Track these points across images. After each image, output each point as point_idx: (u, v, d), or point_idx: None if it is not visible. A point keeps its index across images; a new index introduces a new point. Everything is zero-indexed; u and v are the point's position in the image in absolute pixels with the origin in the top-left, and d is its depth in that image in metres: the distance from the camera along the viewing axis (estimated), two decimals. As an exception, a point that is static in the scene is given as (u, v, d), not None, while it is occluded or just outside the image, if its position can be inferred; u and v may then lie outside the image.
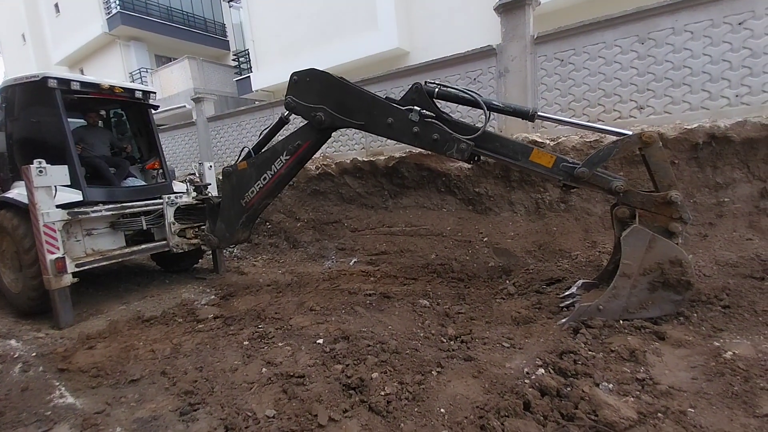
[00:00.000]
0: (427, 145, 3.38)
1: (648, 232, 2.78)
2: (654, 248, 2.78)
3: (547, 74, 5.50)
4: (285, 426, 2.16)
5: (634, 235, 2.82)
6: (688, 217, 2.79)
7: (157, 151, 5.75)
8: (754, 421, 1.95)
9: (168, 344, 3.40)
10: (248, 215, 4.31)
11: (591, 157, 2.99)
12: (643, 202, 2.87)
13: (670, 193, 2.75)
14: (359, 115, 3.63)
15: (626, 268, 2.85)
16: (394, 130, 3.48)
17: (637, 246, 2.80)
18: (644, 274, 2.83)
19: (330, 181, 7.00)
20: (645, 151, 2.83)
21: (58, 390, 2.79)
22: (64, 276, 4.00)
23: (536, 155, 3.16)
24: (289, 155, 3.95)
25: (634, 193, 2.91)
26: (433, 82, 3.42)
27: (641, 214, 2.87)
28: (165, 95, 16.45)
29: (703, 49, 4.47)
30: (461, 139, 3.23)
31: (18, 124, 4.81)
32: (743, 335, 2.72)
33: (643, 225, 2.84)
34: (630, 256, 2.82)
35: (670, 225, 2.80)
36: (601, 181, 2.98)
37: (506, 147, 3.27)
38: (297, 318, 3.75)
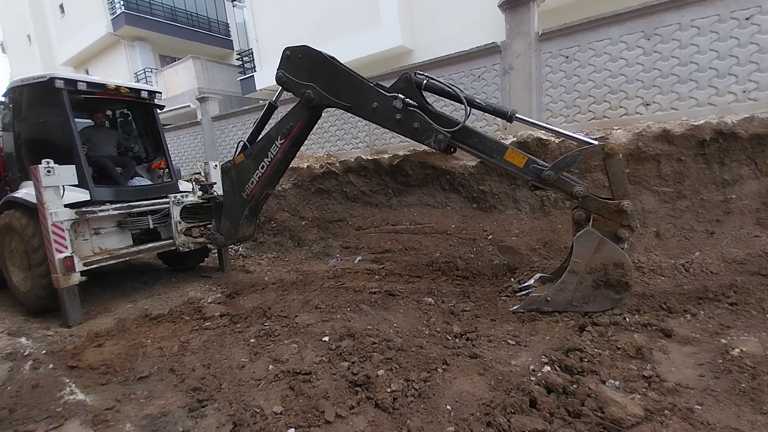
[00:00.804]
0: (408, 132, 3.48)
1: (598, 235, 3.03)
2: (601, 250, 3.03)
3: (552, 71, 5.47)
4: (292, 422, 2.18)
5: (585, 237, 3.07)
6: (636, 226, 3.04)
7: (163, 150, 5.79)
8: (762, 418, 1.94)
9: (176, 342, 3.44)
10: (251, 207, 4.34)
11: (558, 161, 3.17)
12: (598, 208, 3.09)
13: (623, 203, 2.97)
14: (346, 97, 3.69)
15: (575, 265, 3.12)
16: (378, 115, 3.57)
17: (586, 247, 3.06)
18: (590, 272, 3.10)
19: (334, 179, 7.02)
20: (606, 162, 3.04)
21: (68, 387, 2.82)
22: (72, 275, 4.04)
23: (510, 155, 3.30)
24: (284, 138, 4.00)
25: (591, 199, 3.11)
26: (422, 74, 3.51)
27: (595, 218, 3.09)
28: (169, 95, 16.52)
29: (709, 44, 4.43)
30: (440, 130, 3.34)
31: (25, 124, 4.86)
32: (751, 332, 2.71)
33: (595, 228, 3.07)
34: (580, 255, 3.09)
35: (619, 231, 3.03)
36: (564, 185, 3.17)
37: (483, 144, 3.40)
38: (303, 316, 3.77)
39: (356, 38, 11.46)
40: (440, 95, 3.54)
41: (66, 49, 21.50)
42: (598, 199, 3.10)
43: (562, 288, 3.20)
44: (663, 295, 3.39)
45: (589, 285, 3.12)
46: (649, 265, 4.06)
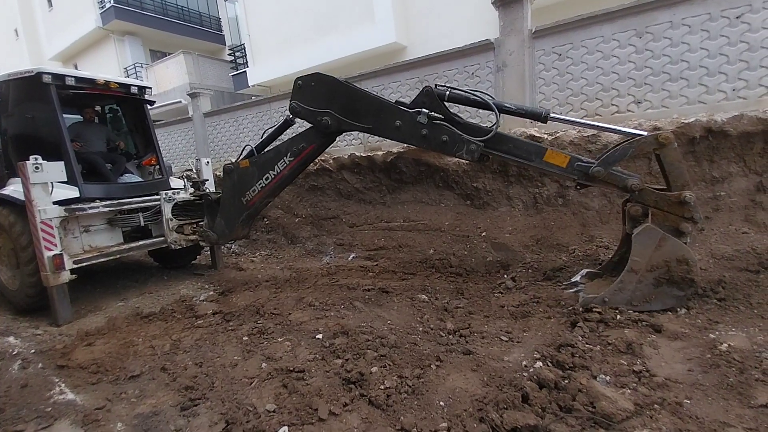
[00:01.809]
0: (437, 146, 3.43)
1: (659, 231, 2.88)
2: (663, 247, 2.89)
3: (545, 68, 5.49)
4: (286, 420, 2.17)
5: (645, 233, 2.92)
6: (699, 218, 2.89)
7: (154, 147, 5.72)
8: (749, 412, 1.98)
9: (167, 340, 3.41)
10: (249, 213, 4.30)
11: (606, 156, 3.06)
12: (657, 201, 2.96)
13: (684, 194, 2.85)
14: (367, 119, 3.65)
15: (635, 264, 2.96)
16: (403, 133, 3.52)
17: (647, 244, 2.91)
18: (651, 270, 2.95)
19: (328, 176, 6.99)
20: (660, 152, 2.91)
21: (57, 386, 2.79)
22: (62, 273, 3.99)
23: (550, 156, 3.23)
24: (293, 157, 3.95)
25: (648, 192, 2.99)
26: (444, 85, 3.48)
27: (654, 212, 2.97)
28: (160, 90, 16.31)
29: (700, 43, 4.47)
30: (471, 140, 3.30)
31: (12, 120, 4.77)
32: (738, 327, 2.76)
33: (654, 224, 2.93)
34: (640, 253, 2.93)
35: (681, 225, 2.91)
36: (616, 179, 3.06)
37: (519, 148, 3.34)
38: (296, 313, 3.76)
39: (350, 34, 11.40)
40: (465, 104, 3.52)
41: (54, 44, 21.12)
42: (655, 191, 2.98)
43: (620, 288, 3.03)
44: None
45: (650, 283, 2.97)
46: (640, 261, 4.11)
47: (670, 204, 2.94)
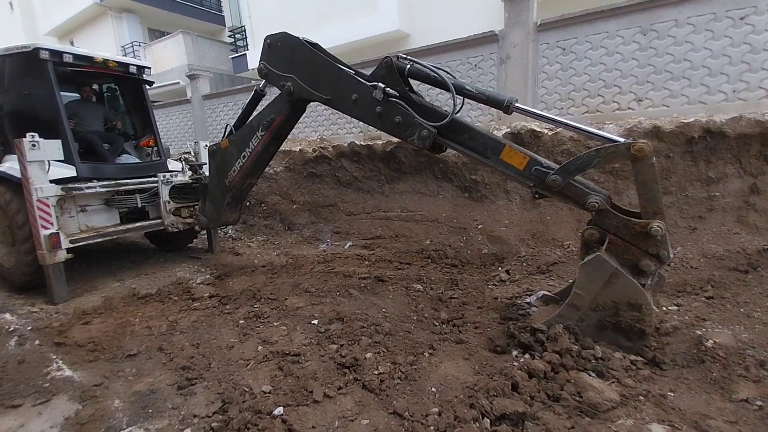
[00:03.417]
0: (390, 128, 3.02)
1: (610, 264, 2.35)
2: (614, 284, 2.37)
3: (549, 63, 5.47)
4: (281, 401, 2.22)
5: (594, 265, 2.40)
6: (667, 257, 2.31)
7: (152, 128, 5.67)
8: (730, 406, 2.05)
9: (164, 321, 3.44)
10: (233, 195, 4.24)
11: (567, 163, 2.51)
12: (618, 227, 2.41)
13: (652, 224, 2.27)
14: (326, 89, 3.30)
15: (577, 298, 2.49)
16: (359, 108, 3.14)
17: (594, 278, 2.40)
18: (595, 309, 2.47)
19: (327, 164, 6.97)
20: (633, 167, 2.33)
21: (55, 363, 2.82)
22: (58, 252, 3.99)
23: (508, 154, 2.70)
24: (264, 131, 3.77)
25: (609, 215, 2.43)
26: (407, 58, 2.99)
27: (612, 240, 2.43)
28: (158, 71, 16.06)
29: (704, 42, 4.47)
30: (424, 125, 2.85)
31: (8, 96, 4.70)
32: (725, 325, 2.83)
33: (609, 254, 2.40)
34: (584, 287, 2.45)
35: (642, 261, 2.35)
36: (576, 193, 2.53)
37: (476, 140, 2.82)
38: (292, 299, 3.80)
39: (353, 21, 11.24)
40: (426, 82, 3.02)
41: (50, 19, 20.61)
42: (617, 215, 2.42)
43: (559, 321, 2.59)
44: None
45: (593, 324, 2.50)
46: (633, 258, 4.17)
47: (634, 234, 2.37)
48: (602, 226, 2.47)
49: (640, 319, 2.37)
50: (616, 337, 2.48)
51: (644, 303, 2.33)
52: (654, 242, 2.31)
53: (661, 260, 2.33)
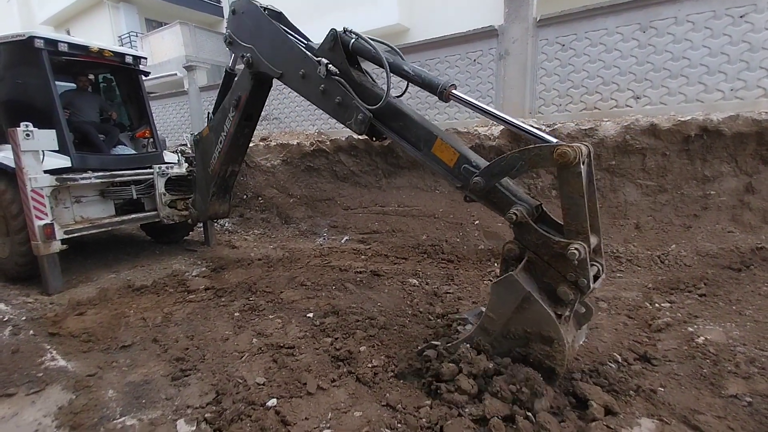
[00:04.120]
0: (332, 109, 2.78)
1: (522, 287, 2.02)
2: (526, 310, 2.04)
3: (548, 59, 5.46)
4: (275, 392, 2.23)
5: (505, 285, 2.09)
6: (586, 285, 1.92)
7: (148, 119, 5.63)
8: (720, 401, 2.07)
9: (159, 313, 3.44)
10: (217, 185, 4.21)
11: (491, 164, 2.18)
12: (538, 245, 2.05)
13: (570, 246, 1.89)
14: (280, 63, 3.12)
15: (488, 322, 2.18)
16: (305, 86, 2.92)
17: (505, 300, 2.09)
18: (506, 337, 2.15)
19: (324, 158, 6.95)
20: (557, 175, 1.99)
21: (49, 353, 2.81)
22: (52, 242, 3.96)
23: (440, 147, 2.37)
24: (234, 110, 3.70)
25: (529, 229, 2.06)
26: (352, 32, 2.69)
27: (531, 259, 2.08)
28: (155, 62, 15.90)
29: (703, 40, 4.47)
30: (361, 108, 2.58)
31: (3, 85, 4.65)
32: (716, 322, 2.86)
33: (525, 275, 2.07)
34: (495, 309, 2.15)
35: (560, 288, 1.98)
36: (499, 199, 2.21)
37: (410, 129, 2.51)
38: (288, 292, 3.80)
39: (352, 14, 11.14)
40: (368, 59, 2.65)
41: (46, 8, 20.33)
42: (538, 231, 2.04)
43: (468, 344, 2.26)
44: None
45: (505, 352, 2.17)
46: (627, 255, 4.20)
47: (553, 254, 1.99)
48: (522, 242, 2.12)
49: (549, 355, 2.01)
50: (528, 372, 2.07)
51: (556, 337, 1.97)
52: (572, 266, 1.93)
53: (580, 289, 1.94)
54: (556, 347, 1.99)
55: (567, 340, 1.98)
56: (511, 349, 2.15)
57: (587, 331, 2.34)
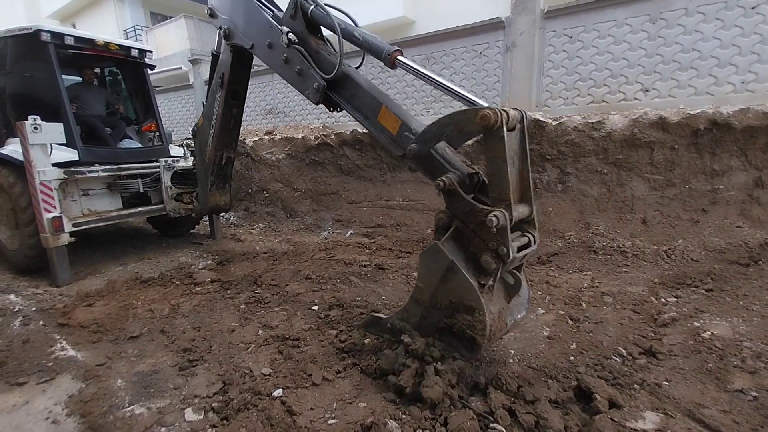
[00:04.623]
0: (293, 79, 2.78)
1: (446, 256, 1.99)
2: (450, 281, 2.02)
3: (555, 51, 5.39)
4: (281, 383, 2.26)
5: (430, 255, 2.07)
6: (506, 254, 1.85)
7: (154, 112, 5.65)
8: (725, 395, 2.07)
9: (166, 305, 3.48)
10: (215, 173, 4.26)
11: (424, 130, 2.16)
12: (465, 213, 1.99)
13: (491, 214, 1.83)
14: (251, 34, 3.11)
15: (418, 293, 2.18)
16: (271, 56, 2.90)
17: (431, 269, 2.08)
18: (435, 307, 2.14)
19: (329, 151, 6.94)
20: (483, 140, 1.94)
21: (59, 343, 2.86)
22: (61, 235, 4.01)
23: (384, 115, 2.35)
24: (220, 90, 3.73)
25: (457, 197, 2.01)
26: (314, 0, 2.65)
27: (459, 228, 2.04)
28: (160, 55, 15.91)
29: (714, 32, 4.39)
30: (317, 77, 2.58)
31: (10, 78, 4.68)
32: (723, 317, 2.84)
33: (452, 244, 2.03)
34: (423, 279, 2.14)
35: (483, 257, 1.93)
36: (433, 166, 2.18)
37: (360, 98, 2.49)
38: (293, 285, 3.83)
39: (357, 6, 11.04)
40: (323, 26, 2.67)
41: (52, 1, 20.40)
42: (465, 199, 1.99)
43: (404, 317, 2.29)
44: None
45: (434, 324, 2.17)
46: (633, 250, 4.17)
47: (477, 222, 1.92)
48: (452, 211, 2.07)
49: (471, 325, 1.98)
50: (456, 343, 2.11)
51: (477, 306, 1.93)
52: (491, 235, 1.88)
53: (501, 258, 1.87)
54: (477, 316, 1.95)
55: (489, 310, 1.95)
56: (439, 319, 2.13)
57: (527, 306, 2.28)
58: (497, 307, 2.05)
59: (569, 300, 3.27)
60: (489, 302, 1.97)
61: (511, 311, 2.17)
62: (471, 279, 1.94)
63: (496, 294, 2.06)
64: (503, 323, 2.08)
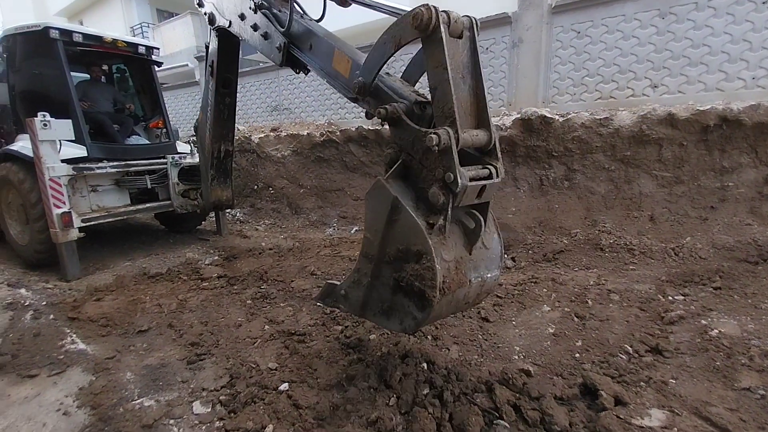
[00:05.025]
0: (261, 45, 2.69)
1: (389, 193, 1.68)
2: (396, 223, 1.69)
3: (562, 46, 5.34)
4: (287, 377, 2.28)
5: (374, 194, 1.75)
6: (455, 183, 1.51)
7: (161, 109, 5.69)
8: (732, 394, 2.05)
9: (174, 300, 3.52)
10: (214, 167, 4.30)
11: (366, 58, 1.95)
12: (411, 143, 1.69)
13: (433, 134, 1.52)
14: (227, 11, 3.08)
15: (367, 245, 1.83)
16: (244, 29, 2.88)
17: (377, 213, 1.74)
18: (386, 261, 1.78)
19: (334, 148, 6.95)
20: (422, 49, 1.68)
21: (69, 337, 2.91)
22: (70, 230, 4.06)
23: (337, 59, 2.17)
24: (211, 78, 3.76)
25: (401, 125, 1.73)
26: None
27: (405, 160, 1.74)
28: (166, 52, 15.96)
29: (724, 27, 4.32)
30: (277, 35, 2.49)
31: (20, 75, 4.74)
32: (731, 315, 2.81)
33: (398, 181, 1.72)
34: (369, 227, 1.82)
35: (431, 190, 1.60)
36: (381, 100, 1.92)
37: (318, 49, 2.32)
38: (298, 281, 3.85)
39: (362, 2, 11.02)
40: None
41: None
42: (410, 125, 1.69)
43: (356, 279, 1.95)
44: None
45: (388, 284, 1.79)
46: (641, 248, 4.14)
47: (423, 150, 1.62)
48: (398, 144, 1.77)
49: (419, 274, 1.60)
50: (407, 304, 1.72)
51: (424, 250, 1.58)
52: (438, 161, 1.56)
53: (450, 190, 1.53)
54: (425, 262, 1.57)
55: (442, 256, 1.58)
56: (394, 276, 1.74)
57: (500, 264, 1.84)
58: (452, 255, 1.64)
59: (575, 297, 3.26)
60: (440, 246, 1.60)
61: (476, 265, 1.73)
62: (418, 218, 1.61)
63: (451, 239, 1.66)
64: (462, 276, 1.66)
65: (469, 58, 1.66)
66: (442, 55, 1.54)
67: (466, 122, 1.62)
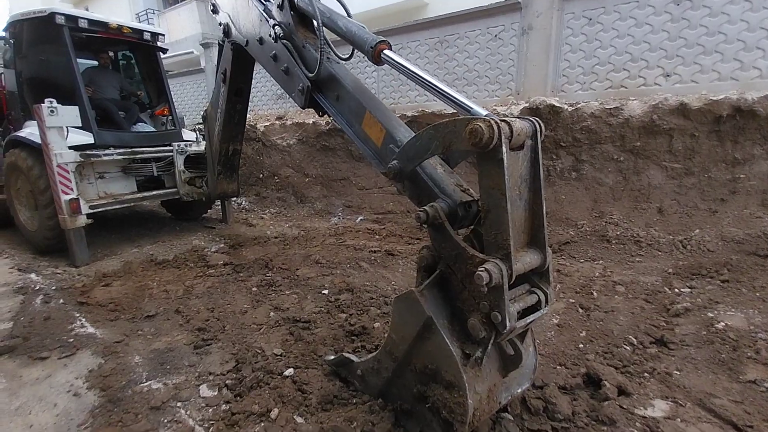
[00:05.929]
0: (280, 78, 2.51)
1: (423, 310, 1.55)
2: (427, 341, 1.59)
3: (573, 34, 5.23)
4: (291, 363, 2.31)
5: (405, 304, 1.64)
6: (501, 323, 1.36)
7: (167, 97, 5.68)
8: (737, 386, 2.05)
9: (180, 286, 3.56)
10: (222, 163, 4.31)
11: (406, 145, 1.71)
12: (453, 257, 1.53)
13: (483, 266, 1.34)
14: (245, 30, 2.91)
15: (392, 345, 1.74)
16: (262, 53, 2.67)
17: (407, 323, 1.64)
18: (410, 369, 1.70)
19: (340, 137, 6.92)
20: (477, 162, 1.43)
21: (78, 321, 2.96)
22: (78, 216, 4.11)
23: (369, 122, 1.95)
24: (223, 85, 3.70)
25: (444, 235, 1.55)
26: None
27: (444, 272, 1.58)
28: (172, 39, 15.87)
29: (741, 14, 4.19)
30: (302, 77, 2.29)
31: (26, 61, 4.74)
32: (738, 308, 2.79)
33: (433, 293, 1.58)
34: (397, 331, 1.71)
35: (470, 320, 1.47)
36: (418, 189, 1.76)
37: (344, 102, 2.12)
38: (303, 269, 3.87)
39: (369, -12, 10.85)
40: (306, 14, 2.34)
41: (64, -16, 20.42)
42: (453, 239, 1.52)
43: (375, 368, 1.88)
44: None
45: (411, 389, 1.70)
46: (648, 239, 4.11)
47: (467, 273, 1.45)
48: (437, 250, 1.60)
49: (447, 405, 1.51)
50: (431, 418, 1.63)
51: (457, 383, 1.47)
52: (480, 292, 1.39)
53: (496, 327, 1.39)
54: (456, 396, 1.47)
55: (474, 390, 1.47)
56: (415, 382, 1.66)
57: (532, 377, 1.77)
58: (486, 385, 1.53)
59: (580, 289, 3.25)
60: (475, 379, 1.48)
61: (508, 386, 1.66)
62: (452, 346, 1.48)
63: (486, 367, 1.52)
64: (494, 403, 1.58)
65: (528, 170, 1.45)
66: (501, 178, 1.33)
67: (518, 241, 1.43)
